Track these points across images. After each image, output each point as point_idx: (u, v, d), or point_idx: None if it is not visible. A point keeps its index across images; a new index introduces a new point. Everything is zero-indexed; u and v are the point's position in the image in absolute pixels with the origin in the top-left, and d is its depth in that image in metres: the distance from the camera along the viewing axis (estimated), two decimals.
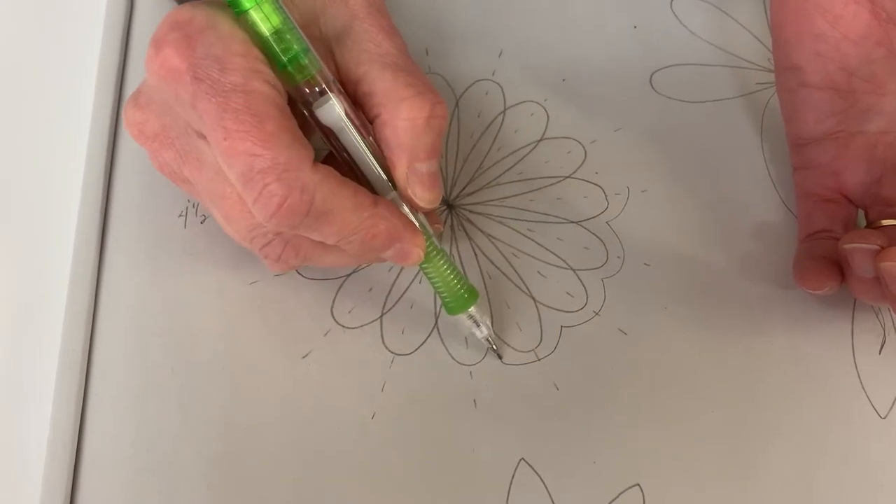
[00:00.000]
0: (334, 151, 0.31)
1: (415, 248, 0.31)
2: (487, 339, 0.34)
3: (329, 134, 0.30)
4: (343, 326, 0.35)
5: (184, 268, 0.35)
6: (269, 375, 0.34)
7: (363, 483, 0.32)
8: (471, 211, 0.38)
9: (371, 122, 0.31)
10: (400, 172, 0.30)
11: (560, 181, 0.38)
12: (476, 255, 0.37)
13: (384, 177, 0.31)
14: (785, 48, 0.36)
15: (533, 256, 0.37)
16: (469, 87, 0.40)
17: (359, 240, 0.29)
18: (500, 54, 0.41)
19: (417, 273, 0.36)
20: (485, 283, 0.36)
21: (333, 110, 0.29)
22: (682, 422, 0.34)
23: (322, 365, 0.34)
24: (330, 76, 0.29)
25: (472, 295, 0.33)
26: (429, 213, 0.33)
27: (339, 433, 0.33)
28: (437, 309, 0.35)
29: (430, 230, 0.32)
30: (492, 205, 0.38)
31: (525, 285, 0.36)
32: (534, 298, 0.36)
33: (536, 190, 0.38)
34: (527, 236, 0.37)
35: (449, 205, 0.38)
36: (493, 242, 0.37)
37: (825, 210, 0.36)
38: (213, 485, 0.32)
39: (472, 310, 0.33)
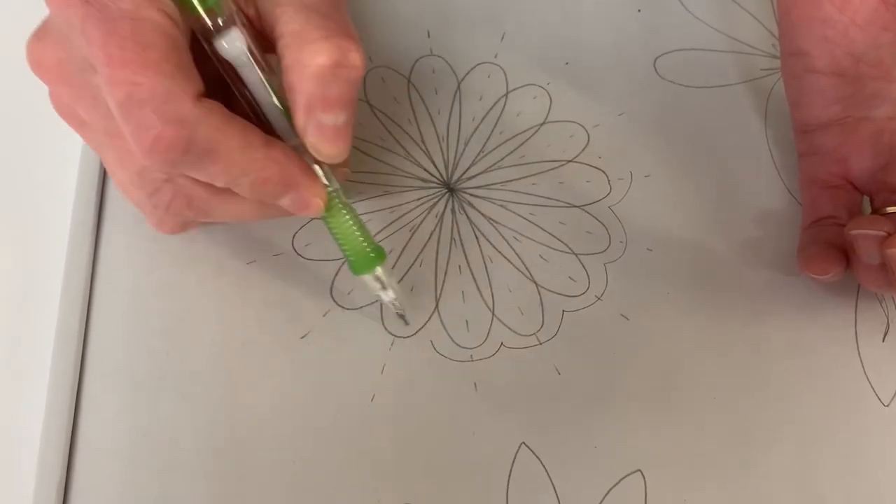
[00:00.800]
0: (236, 93, 0.29)
1: (314, 199, 0.29)
2: (393, 303, 0.33)
3: (230, 72, 0.28)
4: (342, 307, 0.34)
5: (180, 249, 0.35)
6: (267, 357, 0.33)
7: (363, 466, 0.32)
8: (472, 194, 0.37)
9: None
10: (298, 121, 0.28)
11: (563, 165, 0.38)
12: (477, 238, 0.36)
13: (286, 122, 0.29)
14: (791, 33, 0.35)
15: (535, 240, 0.36)
16: (471, 69, 0.40)
17: (248, 182, 0.27)
18: (503, 37, 0.41)
19: (418, 256, 0.36)
20: (486, 267, 0.36)
21: (234, 43, 0.27)
22: (683, 408, 0.34)
23: (321, 346, 0.34)
24: (234, 8, 0.27)
25: (378, 255, 0.31)
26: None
27: (339, 415, 0.33)
28: (439, 291, 0.35)
29: (336, 183, 0.30)
30: (494, 188, 0.37)
31: (527, 269, 0.36)
32: (535, 282, 0.36)
33: (539, 173, 0.38)
34: (529, 220, 0.37)
35: (450, 188, 0.37)
36: (494, 226, 0.37)
37: (830, 196, 0.35)
38: (211, 469, 0.32)
39: (378, 271, 0.31)
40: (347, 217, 0.30)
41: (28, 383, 0.32)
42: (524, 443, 0.33)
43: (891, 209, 0.34)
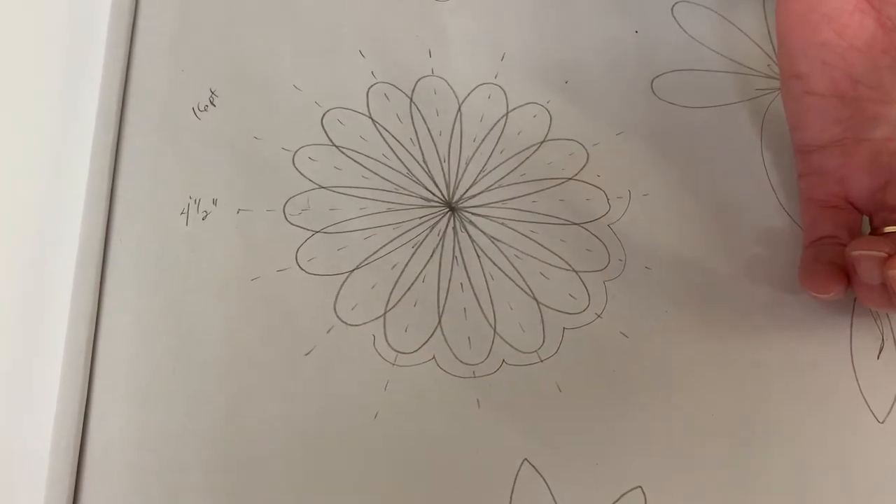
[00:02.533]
0: None
1: None
2: None
3: None
4: (346, 324, 0.35)
5: (186, 265, 0.35)
6: (271, 373, 0.34)
7: (366, 482, 0.32)
8: (474, 213, 0.38)
9: None
10: None
11: (563, 183, 0.39)
12: (479, 256, 0.37)
13: None
14: (790, 57, 0.36)
15: (535, 258, 0.37)
16: (472, 90, 0.41)
17: None
18: (503, 58, 0.41)
19: (421, 272, 0.36)
20: (487, 284, 0.36)
21: None
22: (683, 424, 0.34)
23: (325, 363, 0.34)
24: None
25: None
26: None
27: (342, 432, 0.33)
28: (441, 307, 0.35)
29: None
30: (495, 207, 0.38)
31: (528, 286, 0.36)
32: (536, 300, 0.36)
33: (539, 191, 0.38)
34: (529, 238, 0.37)
35: (452, 207, 0.38)
36: (495, 244, 0.37)
37: (830, 216, 0.36)
38: (217, 486, 0.32)
39: None
40: None
41: (37, 401, 0.33)
42: (526, 459, 0.33)
43: (889, 229, 0.34)
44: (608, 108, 0.40)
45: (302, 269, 0.36)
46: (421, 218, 0.37)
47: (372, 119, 0.39)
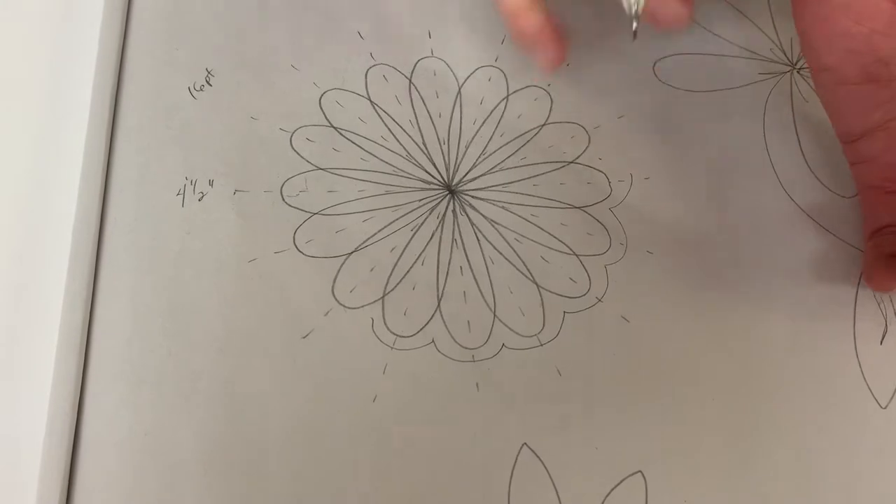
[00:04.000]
0: None
1: None
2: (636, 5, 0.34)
3: None
4: (344, 306, 0.34)
5: (182, 247, 0.35)
6: (268, 356, 0.33)
7: (364, 466, 0.32)
8: (473, 196, 0.37)
9: None
10: None
11: (564, 166, 0.38)
12: (479, 239, 0.36)
13: None
14: (815, 51, 0.35)
15: (536, 241, 0.37)
16: (472, 73, 0.40)
17: None
18: (503, 41, 0.41)
19: (420, 254, 0.36)
20: (487, 268, 0.36)
21: None
22: (683, 409, 0.34)
23: (323, 346, 0.33)
24: None
25: None
26: None
27: (341, 415, 0.33)
28: (440, 291, 0.35)
29: None
30: (495, 190, 0.38)
31: (528, 270, 0.36)
32: (537, 284, 0.36)
33: (540, 175, 0.38)
34: (530, 221, 0.37)
35: (451, 190, 0.37)
36: (495, 227, 0.37)
37: (888, 203, 0.35)
38: (212, 467, 0.32)
39: None
40: None
41: (31, 383, 0.32)
42: (526, 444, 0.33)
43: None
44: (610, 91, 0.40)
45: (300, 251, 0.35)
46: (420, 201, 0.37)
47: (370, 101, 0.39)
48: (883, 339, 0.36)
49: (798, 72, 0.41)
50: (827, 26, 0.34)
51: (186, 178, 0.36)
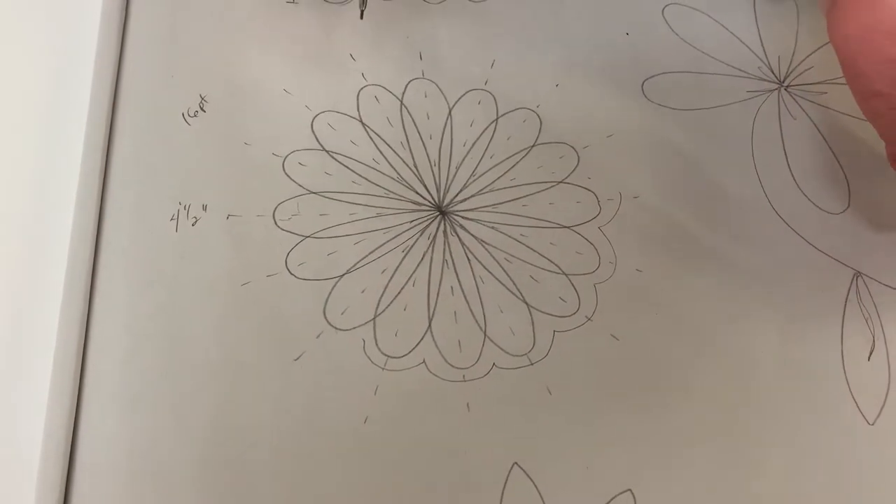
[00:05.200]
0: None
1: None
2: None
3: None
4: (336, 328, 0.35)
5: (176, 271, 0.35)
6: (261, 378, 0.34)
7: (356, 487, 0.32)
8: (464, 217, 0.38)
9: None
10: None
11: (553, 186, 0.39)
12: (469, 260, 0.37)
13: None
14: (863, 79, 0.35)
15: (526, 261, 0.37)
16: (462, 96, 0.41)
17: None
18: (493, 64, 0.41)
19: (411, 276, 0.36)
20: (478, 288, 0.36)
21: None
22: (673, 427, 0.34)
23: (314, 367, 0.34)
24: None
25: None
26: None
27: (332, 437, 0.33)
28: (431, 311, 0.35)
29: None
30: (485, 211, 0.38)
31: (518, 290, 0.36)
32: (526, 303, 0.36)
33: (529, 195, 0.38)
34: (520, 241, 0.37)
35: (442, 211, 0.38)
36: (485, 248, 0.37)
37: None
38: (207, 485, 0.32)
39: None
40: None
41: (27, 404, 0.33)
42: (516, 463, 0.33)
43: None
44: (599, 111, 0.40)
45: (292, 273, 0.36)
46: (411, 222, 0.37)
47: (362, 122, 0.39)
48: (871, 355, 0.36)
49: (786, 89, 0.42)
50: (873, 53, 0.34)
51: (180, 204, 0.36)
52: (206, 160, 0.37)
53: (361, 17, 0.39)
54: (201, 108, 0.39)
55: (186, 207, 0.36)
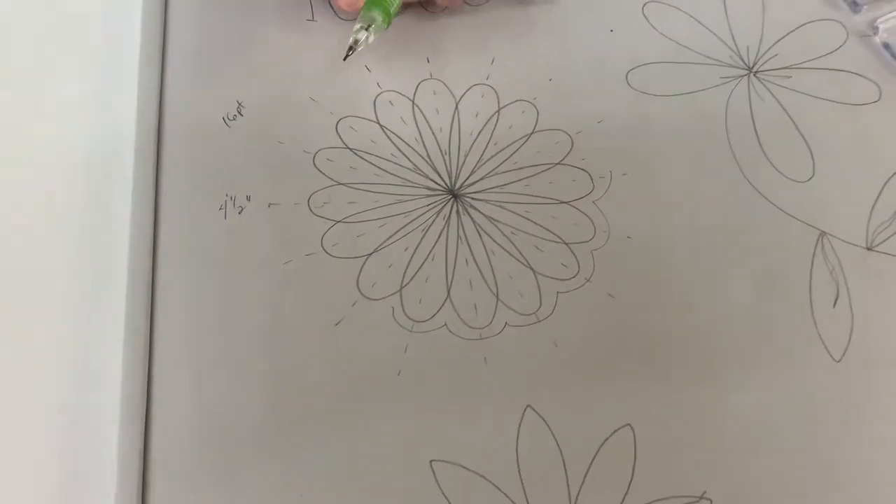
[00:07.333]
0: None
1: None
2: (356, 37, 0.43)
3: None
4: (368, 298, 0.40)
5: (227, 253, 0.41)
6: (308, 340, 0.39)
7: (392, 428, 0.38)
8: (474, 198, 0.43)
9: None
10: None
11: (551, 167, 0.44)
12: (480, 235, 0.42)
13: None
14: None
15: (530, 234, 0.42)
16: (467, 91, 0.46)
17: None
18: (493, 61, 0.47)
19: (430, 252, 0.41)
20: (489, 259, 0.41)
21: None
22: (662, 370, 0.39)
23: (352, 331, 0.39)
24: None
25: (385, 15, 0.43)
26: None
27: (372, 387, 0.38)
28: (449, 281, 0.41)
29: None
30: (492, 192, 0.43)
31: (525, 259, 0.42)
32: (533, 269, 0.41)
33: (531, 176, 0.44)
34: (524, 217, 0.43)
35: (454, 194, 0.43)
36: (494, 224, 0.42)
37: None
38: (267, 436, 0.37)
39: (377, 19, 0.43)
40: None
41: (104, 381, 0.38)
42: (529, 405, 0.38)
43: None
44: (589, 100, 0.46)
45: (327, 253, 0.41)
46: (428, 205, 0.43)
47: (380, 124, 0.45)
48: (835, 302, 0.41)
49: (754, 75, 0.47)
50: None
51: (227, 195, 0.42)
52: (246, 157, 0.43)
53: (345, 59, 0.44)
54: (239, 113, 0.44)
55: (233, 198, 0.42)
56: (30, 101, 0.44)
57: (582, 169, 0.44)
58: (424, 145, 0.44)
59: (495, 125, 0.45)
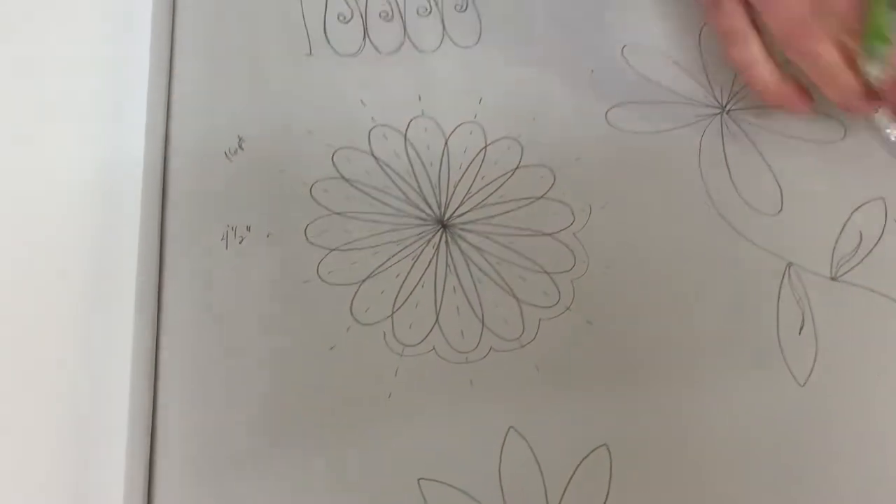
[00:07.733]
0: None
1: None
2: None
3: None
4: (361, 323, 0.42)
5: (228, 280, 0.43)
6: (303, 363, 0.41)
7: (383, 448, 0.40)
8: (462, 229, 0.46)
9: None
10: None
11: (534, 201, 0.46)
12: (468, 263, 0.44)
13: None
14: None
15: (514, 263, 0.45)
16: (455, 128, 0.48)
17: None
18: (480, 101, 0.49)
19: (420, 278, 0.44)
20: (476, 286, 0.44)
21: None
22: (637, 392, 0.42)
23: (346, 354, 0.42)
24: None
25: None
26: None
27: (363, 408, 0.41)
28: (438, 307, 0.43)
29: None
30: (479, 223, 0.46)
31: (509, 287, 0.44)
32: (516, 297, 0.44)
33: (515, 209, 0.46)
34: (509, 247, 0.45)
35: (444, 224, 0.46)
36: (481, 253, 0.45)
37: None
38: (260, 453, 0.39)
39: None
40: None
41: (111, 400, 0.40)
42: (512, 426, 0.41)
43: None
44: (570, 137, 0.48)
45: (323, 280, 0.43)
46: (418, 235, 0.45)
47: (374, 156, 0.47)
48: (801, 329, 0.44)
49: (727, 113, 0.50)
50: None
51: (228, 226, 0.44)
52: (246, 190, 0.45)
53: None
54: (240, 147, 0.46)
55: (234, 229, 0.44)
56: (40, 136, 0.47)
57: (563, 202, 0.46)
58: (416, 178, 0.47)
59: (482, 160, 0.47)
